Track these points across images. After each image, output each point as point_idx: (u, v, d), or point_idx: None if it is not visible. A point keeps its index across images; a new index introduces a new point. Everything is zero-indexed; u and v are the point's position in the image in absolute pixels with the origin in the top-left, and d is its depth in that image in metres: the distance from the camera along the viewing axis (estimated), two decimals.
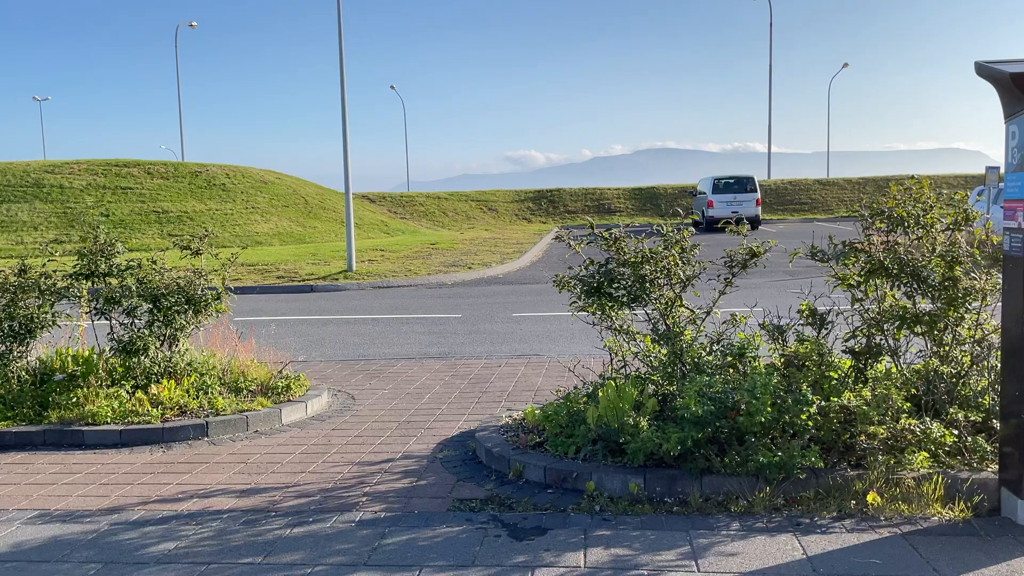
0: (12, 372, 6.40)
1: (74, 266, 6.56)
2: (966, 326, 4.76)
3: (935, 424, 4.33)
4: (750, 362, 4.88)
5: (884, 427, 4.32)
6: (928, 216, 4.90)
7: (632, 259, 5.11)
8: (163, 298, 6.38)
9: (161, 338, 6.55)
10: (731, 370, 4.87)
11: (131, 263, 6.62)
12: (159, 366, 6.41)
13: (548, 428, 4.95)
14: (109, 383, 6.26)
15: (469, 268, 18.44)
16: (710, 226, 26.27)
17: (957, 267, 4.69)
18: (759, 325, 5.19)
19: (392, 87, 66.09)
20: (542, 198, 43.83)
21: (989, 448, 4.28)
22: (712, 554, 3.62)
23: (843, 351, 5.01)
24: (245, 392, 6.45)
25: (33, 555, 3.84)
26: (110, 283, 6.54)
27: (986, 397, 4.61)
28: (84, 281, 6.55)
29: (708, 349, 5.06)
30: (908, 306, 4.84)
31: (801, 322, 5.14)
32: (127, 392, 6.14)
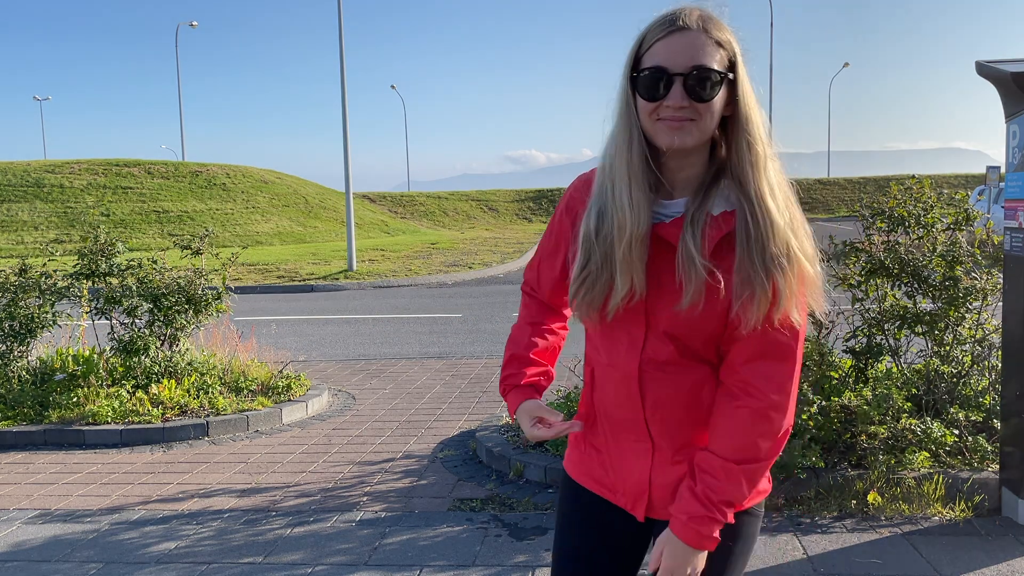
0: (12, 372, 6.40)
1: (74, 266, 6.56)
2: (967, 326, 4.76)
3: (936, 424, 4.33)
4: None
5: (885, 427, 4.32)
6: (929, 216, 4.90)
7: None
8: (163, 298, 6.38)
9: (161, 338, 6.55)
10: None
11: (131, 263, 6.62)
12: (159, 366, 6.41)
13: None
14: (109, 383, 6.26)
15: (470, 268, 18.45)
16: None
17: (958, 267, 4.68)
18: None
19: (392, 87, 66.12)
20: (543, 198, 43.84)
21: (990, 448, 4.28)
22: None
23: (844, 351, 5.01)
24: (245, 392, 6.45)
25: (34, 555, 3.84)
26: (110, 283, 6.54)
27: (987, 397, 4.61)
28: (84, 281, 6.55)
29: None
30: (909, 306, 4.84)
31: None
32: (127, 392, 6.14)
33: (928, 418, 4.42)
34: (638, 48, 1.50)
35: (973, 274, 4.69)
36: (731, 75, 1.49)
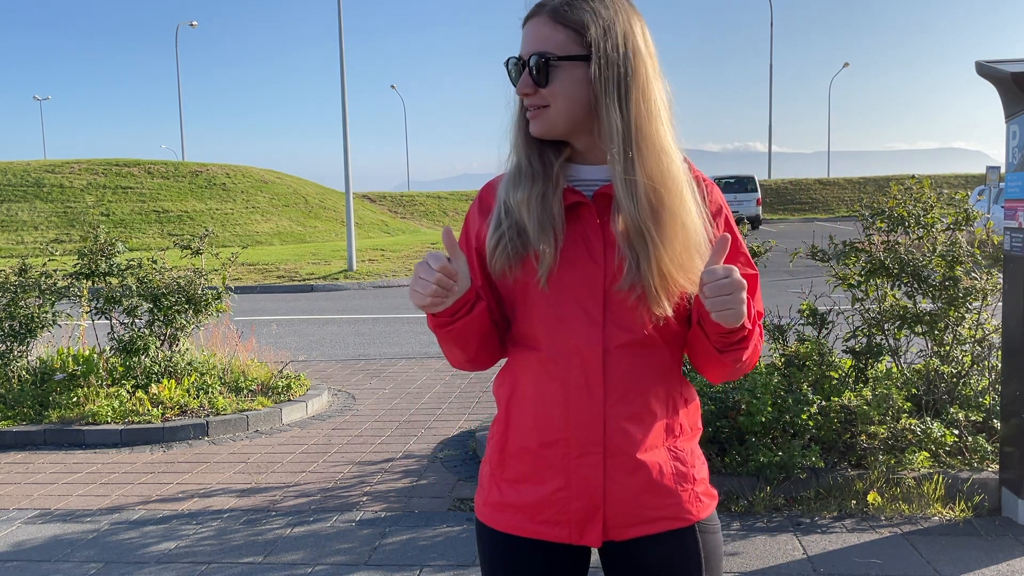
0: (12, 372, 6.40)
1: (74, 266, 6.55)
2: (967, 326, 4.76)
3: (935, 424, 4.33)
4: None
5: (884, 427, 4.32)
6: (929, 216, 4.90)
7: None
8: (163, 298, 6.37)
9: (161, 338, 6.55)
10: None
11: (131, 263, 6.61)
12: (159, 366, 6.41)
13: None
14: (109, 383, 6.26)
15: None
16: None
17: (958, 267, 4.69)
18: None
19: (392, 87, 66.20)
20: None
21: (990, 448, 4.28)
22: None
23: (844, 351, 5.01)
24: (245, 392, 6.45)
25: (34, 554, 3.84)
26: (110, 283, 6.54)
27: (987, 397, 4.61)
28: (84, 281, 6.55)
29: None
30: (909, 306, 4.84)
31: (801, 322, 5.15)
32: (127, 392, 6.14)
33: (928, 418, 4.43)
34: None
35: (973, 274, 4.69)
36: (581, 55, 1.43)
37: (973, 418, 4.48)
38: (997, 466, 4.13)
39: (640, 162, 1.43)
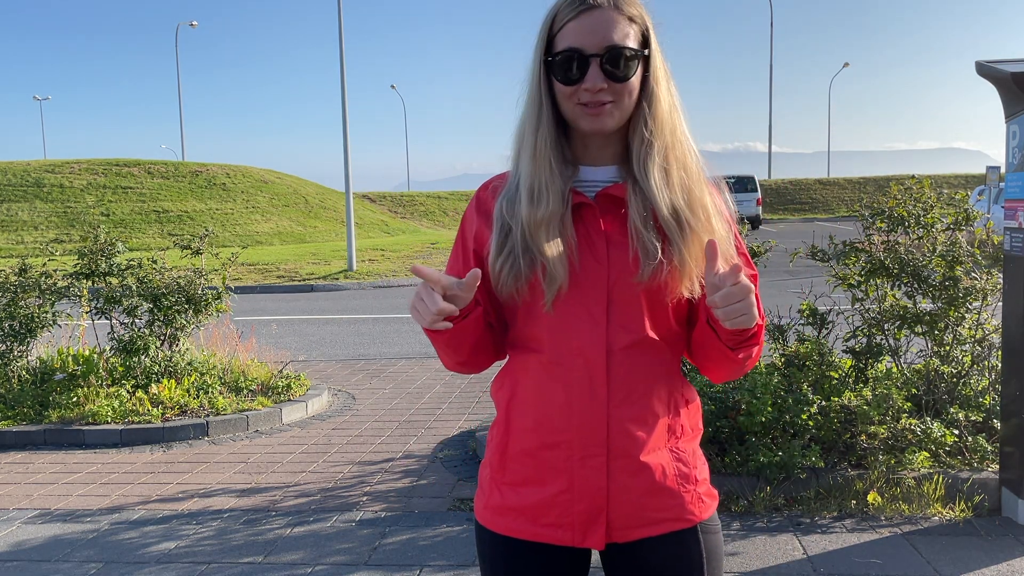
0: (12, 372, 6.40)
1: (74, 266, 6.55)
2: (967, 326, 4.76)
3: (935, 424, 4.33)
4: None
5: (885, 427, 4.32)
6: (929, 216, 4.90)
7: None
8: (163, 298, 6.37)
9: (161, 337, 6.55)
10: None
11: (131, 262, 6.61)
12: (159, 366, 6.41)
13: None
14: (109, 383, 6.26)
15: None
16: None
17: (958, 267, 4.69)
18: None
19: (392, 86, 66.22)
20: None
21: (990, 448, 4.28)
22: None
23: (844, 351, 5.01)
24: (245, 391, 6.45)
25: (34, 554, 3.84)
26: (110, 282, 6.54)
27: (987, 397, 4.61)
28: (84, 280, 6.55)
29: None
30: (909, 306, 4.84)
31: (801, 322, 5.15)
32: (127, 392, 6.14)
33: (928, 418, 4.42)
34: (549, 29, 1.46)
35: (973, 274, 4.69)
36: (645, 51, 1.46)
37: (973, 418, 4.48)
38: (997, 466, 4.13)
39: (673, 149, 1.48)
